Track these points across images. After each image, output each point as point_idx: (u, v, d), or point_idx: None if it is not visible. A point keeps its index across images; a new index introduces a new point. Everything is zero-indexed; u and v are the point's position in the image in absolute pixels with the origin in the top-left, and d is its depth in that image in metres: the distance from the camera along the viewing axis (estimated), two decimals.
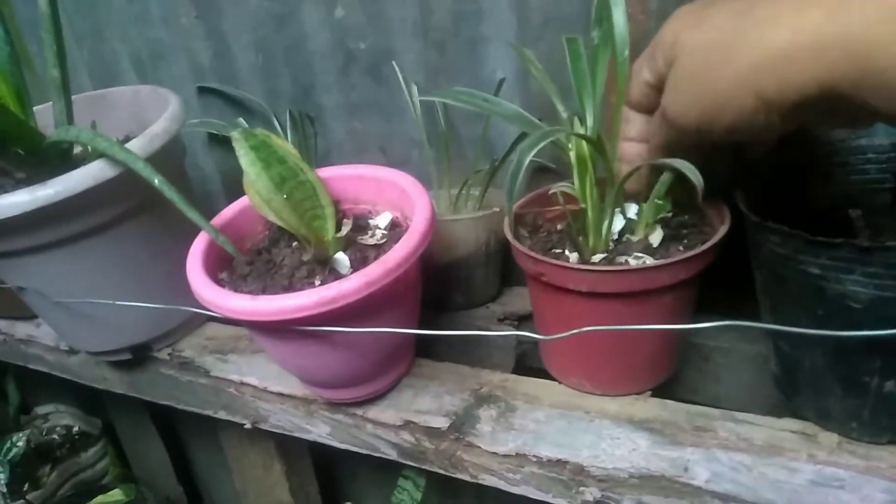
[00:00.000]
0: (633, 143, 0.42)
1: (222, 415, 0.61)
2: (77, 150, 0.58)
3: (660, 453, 0.44)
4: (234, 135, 0.44)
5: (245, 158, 0.44)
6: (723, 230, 0.42)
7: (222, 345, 0.62)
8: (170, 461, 1.00)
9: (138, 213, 0.54)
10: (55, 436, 1.03)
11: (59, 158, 0.55)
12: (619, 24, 0.40)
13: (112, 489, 0.86)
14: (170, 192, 0.43)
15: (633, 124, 0.42)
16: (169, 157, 0.55)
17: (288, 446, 0.76)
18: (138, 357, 0.61)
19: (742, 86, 0.31)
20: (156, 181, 0.43)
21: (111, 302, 0.49)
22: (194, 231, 0.50)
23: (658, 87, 0.38)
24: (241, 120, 0.69)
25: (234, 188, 0.50)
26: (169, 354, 0.61)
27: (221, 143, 0.75)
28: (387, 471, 0.89)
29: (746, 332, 0.53)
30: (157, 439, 0.98)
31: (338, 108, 0.67)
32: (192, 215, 0.43)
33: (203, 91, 0.73)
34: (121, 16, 0.73)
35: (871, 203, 0.43)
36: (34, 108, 0.56)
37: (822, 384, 0.41)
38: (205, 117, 0.72)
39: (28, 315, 0.72)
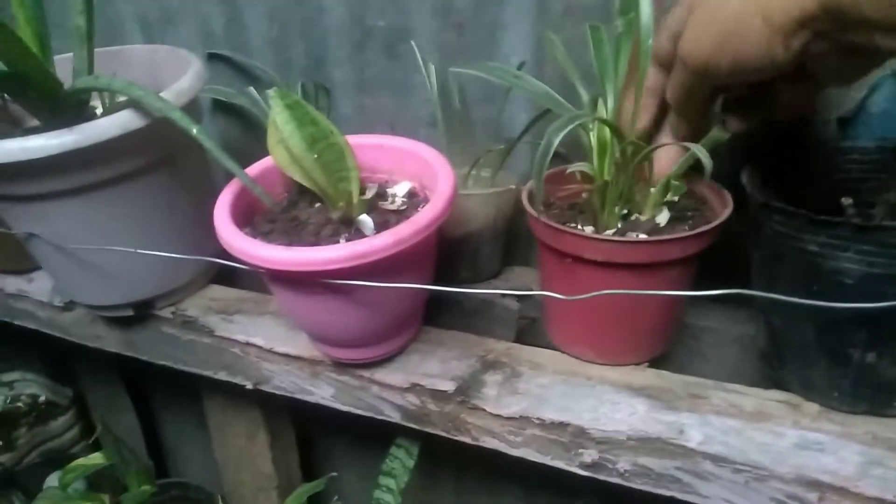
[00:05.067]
0: (649, 94, 0.44)
1: (222, 375, 0.62)
2: (91, 102, 0.58)
3: (657, 417, 0.47)
4: (271, 92, 0.46)
5: (280, 116, 0.46)
6: (727, 211, 0.45)
7: (228, 306, 0.62)
8: (141, 434, 0.99)
9: (156, 168, 0.54)
10: (20, 404, 1.00)
11: (76, 109, 0.55)
12: (646, 14, 0.44)
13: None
14: (207, 142, 0.44)
15: (651, 77, 0.44)
16: (192, 115, 0.55)
17: (273, 417, 0.77)
18: (139, 314, 0.61)
19: (749, 9, 0.33)
20: (194, 131, 0.44)
21: (130, 250, 0.49)
22: (204, 191, 0.51)
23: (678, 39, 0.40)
24: (252, 89, 0.70)
25: (235, 158, 0.50)
26: (172, 313, 0.62)
27: (226, 111, 0.76)
28: (364, 448, 0.90)
29: (735, 314, 0.57)
30: (131, 411, 0.97)
31: (348, 84, 0.69)
32: (231, 165, 0.44)
33: (211, 58, 0.73)
34: None
35: (857, 197, 0.48)
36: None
37: (809, 357, 0.45)
38: (212, 85, 0.72)
39: (21, 269, 0.71)
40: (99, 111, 0.59)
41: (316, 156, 0.47)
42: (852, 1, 0.30)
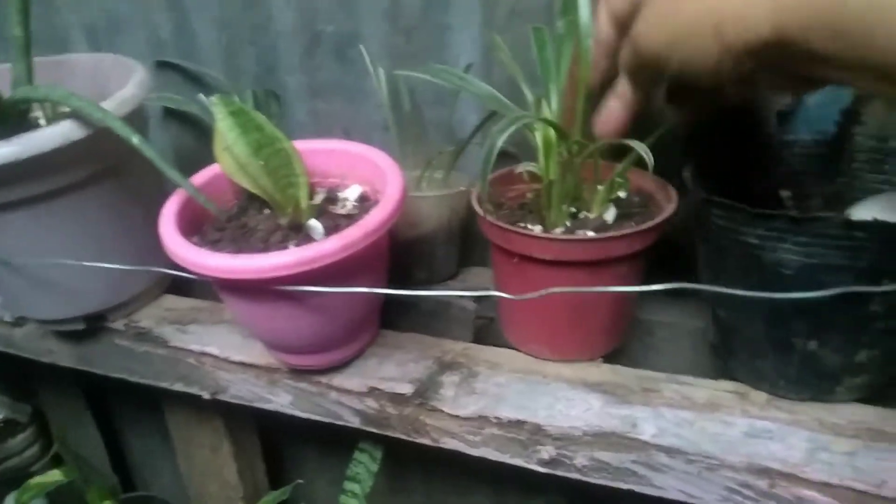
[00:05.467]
0: (602, 51, 0.42)
1: (178, 387, 0.61)
2: (34, 113, 0.57)
3: (611, 412, 0.48)
4: (214, 99, 0.45)
5: (224, 122, 0.45)
6: (671, 206, 0.46)
7: (182, 315, 0.61)
8: (105, 449, 0.97)
9: (102, 178, 0.53)
10: None
11: (16, 120, 0.54)
12: (584, 16, 0.44)
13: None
14: (148, 152, 0.43)
15: (605, 33, 0.41)
16: (134, 125, 0.54)
17: (236, 427, 0.76)
18: (91, 327, 0.60)
19: (703, 19, 0.33)
20: (134, 140, 0.43)
21: (78, 263, 0.48)
22: (155, 199, 0.50)
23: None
24: (202, 96, 0.69)
25: (188, 165, 0.49)
26: (125, 325, 0.60)
27: (178, 118, 0.75)
28: (331, 454, 0.90)
29: (687, 308, 0.58)
30: (93, 426, 0.95)
31: (301, 89, 0.68)
32: (173, 174, 0.43)
33: (161, 66, 0.72)
34: None
35: (796, 189, 0.49)
36: None
37: (755, 347, 0.45)
38: (162, 93, 0.71)
39: None
40: (43, 122, 0.58)
41: (262, 162, 0.47)
42: (802, 35, 0.30)
